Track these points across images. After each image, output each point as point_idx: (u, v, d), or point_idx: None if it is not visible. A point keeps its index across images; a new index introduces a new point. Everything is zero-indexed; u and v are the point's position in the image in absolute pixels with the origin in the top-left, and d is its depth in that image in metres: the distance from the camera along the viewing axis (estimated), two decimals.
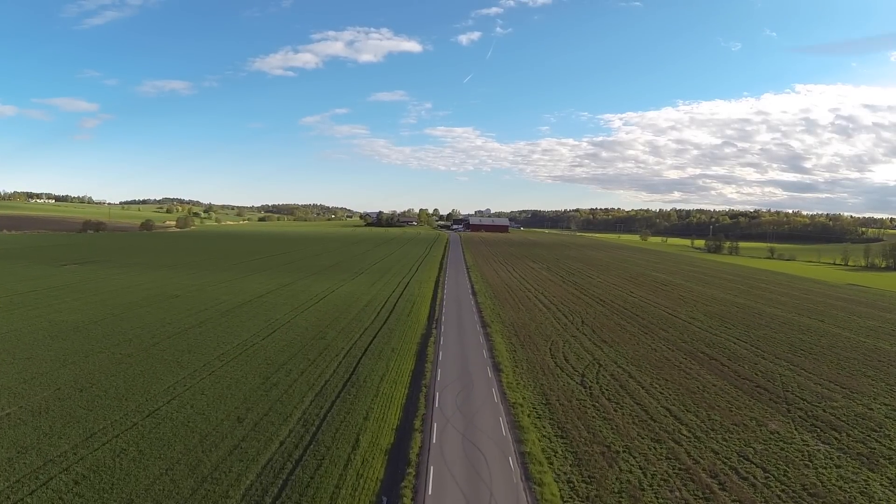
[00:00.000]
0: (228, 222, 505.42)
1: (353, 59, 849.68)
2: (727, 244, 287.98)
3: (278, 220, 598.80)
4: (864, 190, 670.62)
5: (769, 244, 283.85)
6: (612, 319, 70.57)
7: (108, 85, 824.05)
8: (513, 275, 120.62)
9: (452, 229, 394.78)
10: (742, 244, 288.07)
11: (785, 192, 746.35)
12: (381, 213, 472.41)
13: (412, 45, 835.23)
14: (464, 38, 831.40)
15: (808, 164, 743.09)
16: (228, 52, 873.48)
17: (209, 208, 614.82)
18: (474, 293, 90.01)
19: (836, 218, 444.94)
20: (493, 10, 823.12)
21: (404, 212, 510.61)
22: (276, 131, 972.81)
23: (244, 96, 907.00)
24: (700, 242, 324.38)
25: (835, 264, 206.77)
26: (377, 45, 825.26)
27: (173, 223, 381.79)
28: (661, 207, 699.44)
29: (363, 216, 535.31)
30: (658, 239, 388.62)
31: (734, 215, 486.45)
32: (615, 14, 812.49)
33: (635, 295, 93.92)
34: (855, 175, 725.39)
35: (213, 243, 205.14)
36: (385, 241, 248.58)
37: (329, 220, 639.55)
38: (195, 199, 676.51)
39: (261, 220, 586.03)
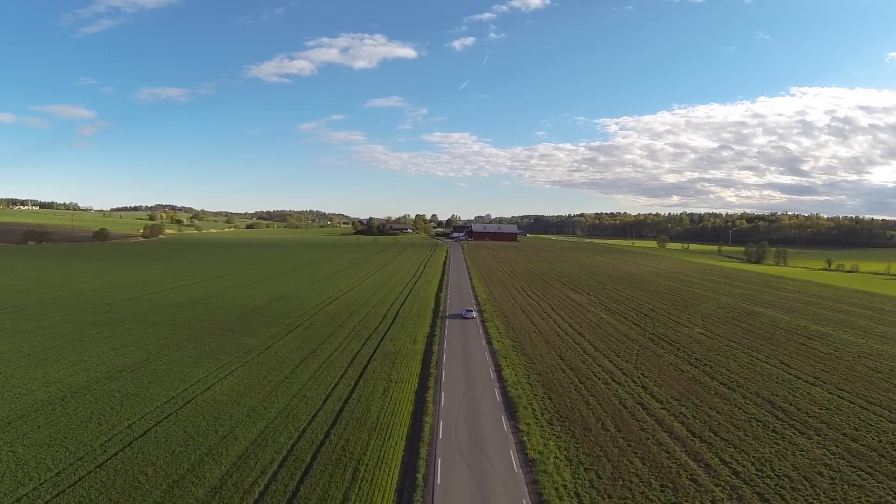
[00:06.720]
0: (211, 230, 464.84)
1: (347, 65, 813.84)
2: (772, 251, 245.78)
3: (267, 226, 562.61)
4: (863, 192, 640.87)
5: (798, 249, 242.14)
6: None
7: (105, 92, 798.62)
8: (558, 324, 74.53)
9: (452, 237, 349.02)
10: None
11: (783, 195, 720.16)
12: (371, 219, 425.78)
13: (407, 51, 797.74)
14: (458, 44, 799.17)
15: (805, 167, 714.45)
16: (223, 60, 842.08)
17: (196, 215, 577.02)
18: (511, 411, 38.66)
19: (860, 220, 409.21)
20: (487, 15, 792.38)
21: (399, 218, 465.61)
22: (273, 138, 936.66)
23: (240, 103, 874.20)
24: (737, 249, 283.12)
25: None
26: (371, 51, 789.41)
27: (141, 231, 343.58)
28: (660, 211, 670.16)
29: (354, 223, 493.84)
30: (677, 245, 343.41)
31: (751, 219, 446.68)
32: (608, 18, 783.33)
33: (805, 375, 49.78)
34: (853, 177, 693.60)
35: (147, 258, 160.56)
36: (369, 253, 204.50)
37: (322, 226, 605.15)
38: (188, 206, 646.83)
39: (248, 227, 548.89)
